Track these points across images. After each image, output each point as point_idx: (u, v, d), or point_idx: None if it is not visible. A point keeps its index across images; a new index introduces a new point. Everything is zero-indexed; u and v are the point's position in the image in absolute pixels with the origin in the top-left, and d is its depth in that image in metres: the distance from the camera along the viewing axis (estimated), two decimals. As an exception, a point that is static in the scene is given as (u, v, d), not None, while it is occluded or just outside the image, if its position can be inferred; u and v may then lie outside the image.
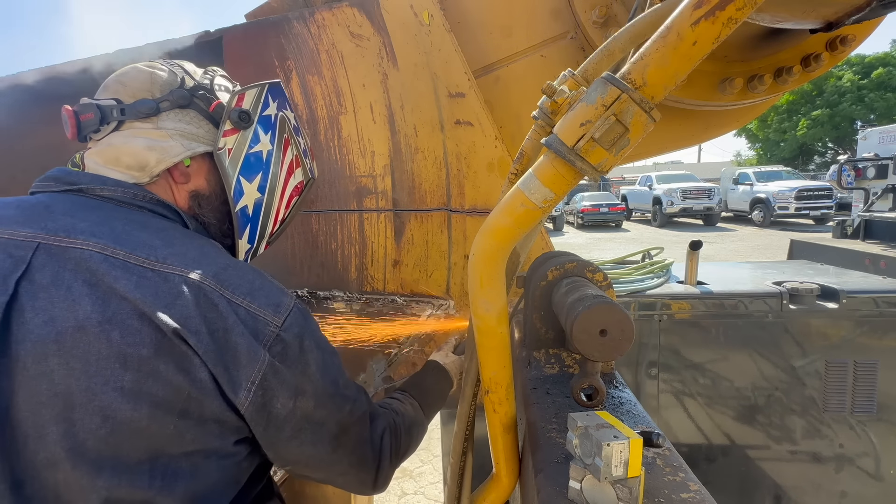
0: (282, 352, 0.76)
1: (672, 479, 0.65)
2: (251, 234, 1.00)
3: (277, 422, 0.76)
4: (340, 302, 1.62)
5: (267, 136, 1.00)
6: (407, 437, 1.02)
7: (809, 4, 0.87)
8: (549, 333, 1.03)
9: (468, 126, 1.45)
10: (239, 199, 0.96)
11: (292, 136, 1.06)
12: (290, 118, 1.06)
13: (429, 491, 3.51)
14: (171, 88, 0.91)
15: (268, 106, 1.01)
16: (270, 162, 1.01)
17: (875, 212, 3.99)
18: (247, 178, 0.97)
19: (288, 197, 1.06)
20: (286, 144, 1.04)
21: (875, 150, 8.96)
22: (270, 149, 1.01)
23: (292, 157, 1.06)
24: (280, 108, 1.04)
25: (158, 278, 0.71)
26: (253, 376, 0.72)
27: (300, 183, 1.10)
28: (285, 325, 0.77)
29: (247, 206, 0.98)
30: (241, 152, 0.96)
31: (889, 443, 1.87)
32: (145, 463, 0.68)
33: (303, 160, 1.10)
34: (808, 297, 1.88)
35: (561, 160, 0.66)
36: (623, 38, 0.89)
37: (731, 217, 20.63)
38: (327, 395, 0.82)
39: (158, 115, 0.89)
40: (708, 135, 1.60)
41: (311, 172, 1.13)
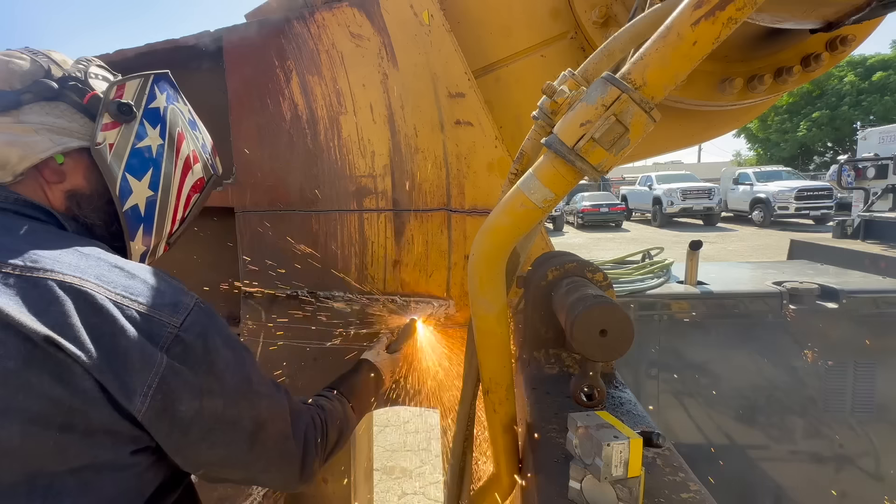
0: (182, 353, 0.72)
1: (672, 479, 0.65)
2: (146, 235, 0.94)
3: (182, 425, 0.72)
4: (340, 302, 1.62)
5: (156, 129, 0.93)
6: (334, 431, 1.01)
7: (809, 4, 0.87)
8: (549, 333, 1.03)
9: (468, 126, 1.45)
10: (126, 197, 0.89)
11: (187, 130, 1.01)
12: (183, 111, 1.01)
13: (429, 491, 3.50)
14: (35, 79, 0.82)
15: (154, 98, 0.94)
16: (162, 157, 0.94)
17: (875, 212, 3.99)
18: (135, 175, 0.90)
19: (186, 195, 1.00)
20: (180, 139, 0.98)
21: (875, 150, 8.95)
22: (161, 143, 0.94)
23: (189, 152, 1.00)
24: (171, 101, 0.98)
25: (25, 284, 0.65)
26: (149, 380, 0.68)
27: (199, 180, 1.04)
28: (185, 324, 0.74)
29: (137, 205, 0.91)
30: (126, 147, 0.88)
31: (889, 443, 1.87)
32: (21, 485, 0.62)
33: (202, 156, 1.04)
34: (808, 297, 1.88)
35: (561, 160, 0.66)
36: (623, 38, 0.89)
37: (731, 217, 20.63)
38: (238, 393, 0.79)
39: (20, 108, 0.81)
40: (708, 135, 1.60)
41: (214, 168, 1.08)
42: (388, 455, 3.98)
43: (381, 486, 3.56)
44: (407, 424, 4.47)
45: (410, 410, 4.58)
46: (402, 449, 4.09)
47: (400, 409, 4.57)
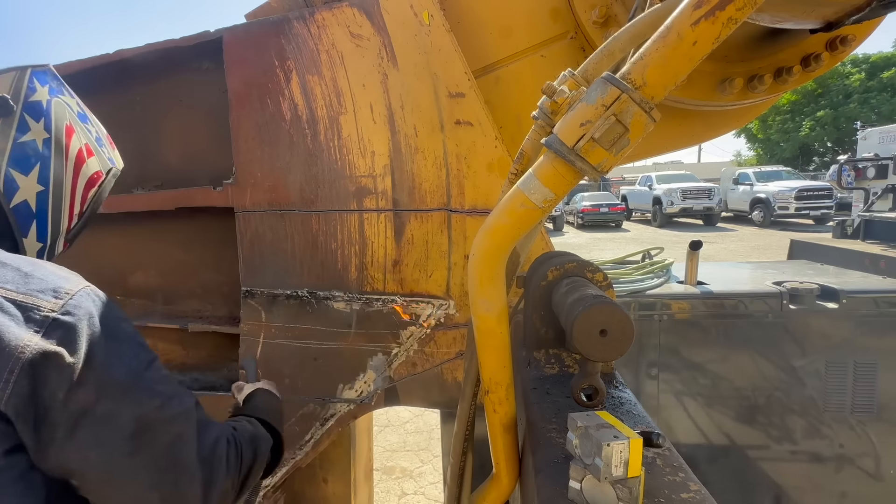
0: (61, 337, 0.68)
1: (672, 479, 0.65)
2: (40, 231, 0.92)
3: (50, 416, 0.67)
4: (340, 302, 1.62)
5: (39, 123, 0.91)
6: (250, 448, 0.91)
7: (809, 4, 0.87)
8: (549, 333, 1.03)
9: (468, 126, 1.45)
10: (13, 193, 0.87)
11: (76, 122, 0.98)
12: (69, 104, 0.98)
13: (429, 491, 3.51)
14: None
15: (34, 91, 0.92)
16: (50, 151, 0.91)
17: (875, 212, 3.99)
18: (20, 170, 0.88)
19: (82, 189, 0.97)
20: (69, 132, 0.95)
21: (875, 150, 8.94)
22: (47, 137, 0.91)
23: (80, 145, 0.97)
24: (54, 94, 0.95)
25: None
26: (11, 366, 0.64)
27: (95, 173, 1.00)
28: (65, 308, 0.70)
29: (26, 200, 0.89)
30: (7, 143, 0.87)
31: (889, 443, 1.87)
32: None
33: (96, 148, 1.01)
34: (808, 297, 1.88)
35: (561, 160, 0.66)
36: (623, 38, 0.89)
37: (731, 217, 20.63)
38: (119, 387, 0.72)
39: None
40: (708, 135, 1.60)
41: (112, 161, 1.05)
42: (388, 455, 3.98)
43: (381, 486, 3.56)
44: (407, 424, 4.47)
45: (410, 410, 4.58)
46: (402, 449, 4.09)
47: (400, 409, 4.57)
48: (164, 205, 1.75)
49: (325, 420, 1.64)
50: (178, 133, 1.84)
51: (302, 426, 1.65)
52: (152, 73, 1.75)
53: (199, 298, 1.93)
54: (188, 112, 1.82)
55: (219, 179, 1.69)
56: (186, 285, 1.94)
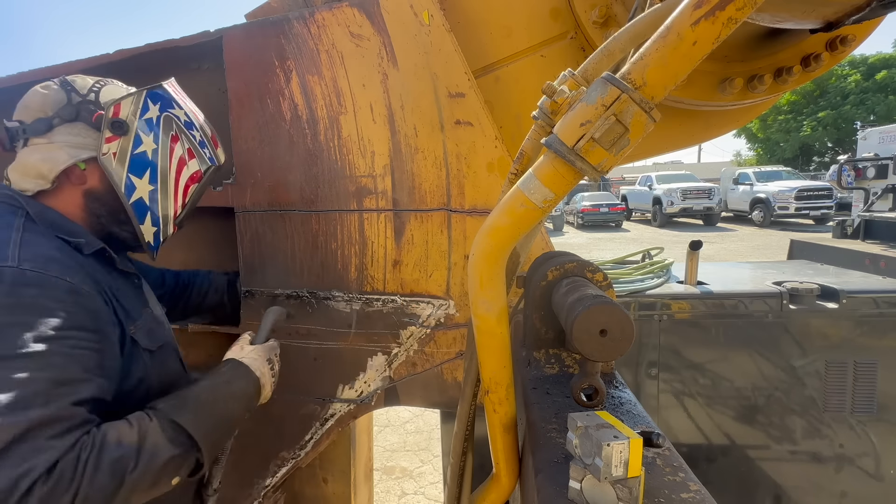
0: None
1: (672, 479, 0.65)
2: (153, 219, 1.16)
3: None
4: (340, 302, 1.62)
5: (150, 136, 1.13)
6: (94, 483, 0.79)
7: (809, 4, 0.87)
8: (549, 333, 1.03)
9: (468, 126, 1.45)
10: (131, 193, 1.11)
11: (182, 131, 1.19)
12: (177, 116, 1.18)
13: (429, 491, 3.51)
14: (60, 106, 1.06)
15: (147, 110, 1.13)
16: (157, 158, 1.15)
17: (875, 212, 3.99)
18: (136, 174, 1.12)
19: (184, 185, 1.21)
20: (173, 140, 1.18)
21: (875, 150, 8.95)
22: (155, 147, 1.14)
23: (183, 150, 1.19)
24: (164, 109, 1.16)
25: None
26: None
27: (196, 172, 1.24)
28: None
29: (142, 197, 1.13)
30: (126, 154, 1.10)
31: (889, 443, 1.86)
32: None
33: (198, 151, 1.23)
34: (808, 297, 1.88)
35: (561, 160, 0.66)
36: (623, 38, 0.89)
37: (731, 217, 20.64)
38: None
39: (52, 130, 1.05)
40: (708, 135, 1.60)
41: (212, 160, 1.27)
42: (388, 455, 3.98)
43: (381, 486, 3.56)
44: (407, 424, 4.47)
45: (410, 410, 4.58)
46: (402, 449, 4.09)
47: (400, 409, 4.57)
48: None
49: (325, 420, 1.64)
50: (178, 133, 1.84)
51: (302, 426, 1.65)
52: (152, 73, 1.75)
53: (199, 298, 1.93)
54: (188, 112, 1.82)
55: (219, 179, 1.69)
56: (186, 285, 1.93)
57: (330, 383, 1.63)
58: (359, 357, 1.61)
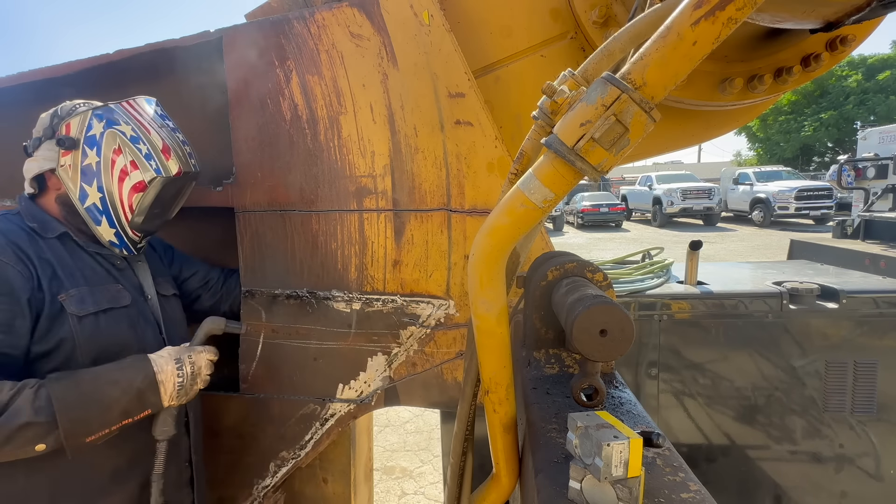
0: None
1: (672, 479, 0.65)
2: (109, 222, 1.32)
3: None
4: (340, 302, 1.62)
5: (93, 151, 1.29)
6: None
7: (809, 4, 0.87)
8: (549, 333, 1.03)
9: (468, 126, 1.45)
10: (85, 199, 1.29)
11: (126, 145, 1.30)
12: (122, 132, 1.30)
13: (429, 491, 3.51)
14: (45, 126, 1.30)
15: (91, 128, 1.28)
16: (100, 170, 1.29)
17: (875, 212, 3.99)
18: (87, 183, 1.29)
19: (128, 194, 1.32)
20: (116, 153, 1.30)
21: (875, 150, 8.95)
22: (98, 160, 1.29)
23: (125, 162, 1.30)
24: (108, 126, 1.29)
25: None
26: None
27: (139, 182, 1.32)
28: None
29: (95, 203, 1.30)
30: (77, 166, 1.28)
31: (889, 443, 1.86)
32: None
33: (142, 163, 1.32)
34: (808, 297, 1.88)
35: (561, 160, 0.66)
36: (623, 38, 0.89)
37: (731, 217, 20.64)
38: None
39: (39, 146, 1.30)
40: (708, 135, 1.60)
41: (158, 171, 1.34)
42: (388, 455, 3.98)
43: (381, 486, 3.56)
44: (407, 424, 4.47)
45: (410, 410, 4.58)
46: (402, 449, 4.09)
47: (400, 409, 4.57)
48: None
49: (325, 420, 1.64)
50: (178, 133, 1.84)
51: (302, 426, 1.65)
52: (152, 73, 1.75)
53: (199, 298, 1.93)
54: (188, 112, 1.82)
55: (219, 179, 1.69)
56: (186, 285, 1.93)
57: (330, 383, 1.63)
58: (359, 357, 1.61)
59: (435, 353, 1.56)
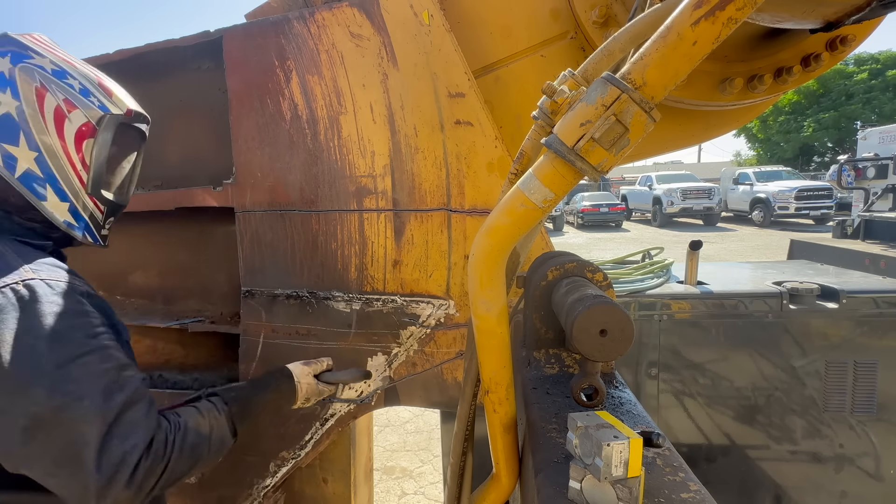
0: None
1: (672, 479, 0.65)
2: (58, 192, 0.97)
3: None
4: (340, 302, 1.62)
5: (6, 94, 0.94)
6: (179, 460, 0.91)
7: (809, 4, 0.87)
8: (549, 333, 1.03)
9: (468, 126, 1.45)
10: (13, 165, 0.92)
11: (49, 81, 0.98)
12: (42, 65, 0.98)
13: (429, 491, 3.51)
14: None
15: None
16: (25, 118, 0.94)
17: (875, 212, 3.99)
18: (9, 142, 0.93)
19: (73, 143, 0.99)
20: (40, 94, 0.96)
21: (875, 150, 8.95)
22: (18, 104, 0.94)
23: (57, 102, 0.97)
24: (18, 61, 0.96)
25: None
26: None
27: (84, 125, 1.00)
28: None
29: (29, 168, 0.94)
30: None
31: (889, 443, 1.86)
32: None
33: (80, 100, 1.00)
34: (808, 297, 1.88)
35: (561, 160, 0.66)
36: (623, 38, 0.89)
37: (731, 217, 20.63)
38: (15, 383, 0.78)
39: None
40: (708, 135, 1.60)
41: (103, 108, 1.03)
42: (388, 455, 3.98)
43: (381, 486, 3.56)
44: (407, 424, 4.47)
45: (410, 410, 4.58)
46: (402, 449, 4.09)
47: (400, 409, 4.57)
48: (164, 205, 1.75)
49: (325, 420, 1.64)
50: (178, 133, 1.84)
51: (302, 426, 1.65)
52: (152, 73, 1.75)
53: (199, 298, 1.93)
54: (188, 112, 1.82)
55: (219, 179, 1.69)
56: (186, 285, 1.94)
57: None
58: (359, 357, 1.61)
59: (435, 353, 1.56)
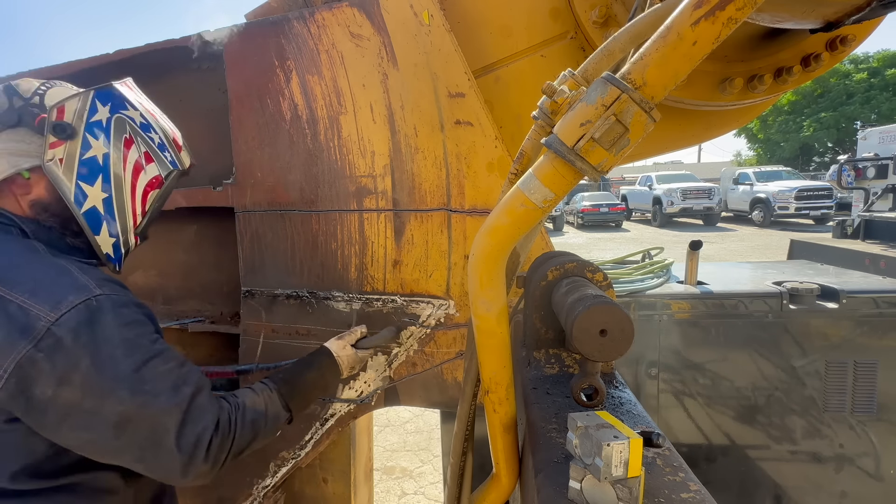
0: (53, 345, 0.85)
1: (672, 479, 0.65)
2: (111, 230, 1.09)
3: (39, 407, 0.86)
4: (340, 302, 1.62)
5: (99, 140, 1.05)
6: (245, 434, 1.05)
7: (809, 4, 0.87)
8: (549, 333, 1.03)
9: (468, 126, 1.45)
10: (83, 202, 1.04)
11: (137, 134, 1.10)
12: (131, 118, 1.10)
13: (429, 491, 3.51)
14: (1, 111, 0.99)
15: (95, 112, 1.05)
16: (109, 163, 1.06)
17: (875, 212, 3.99)
18: (87, 182, 1.04)
19: (142, 192, 1.12)
20: (127, 144, 1.09)
21: (875, 150, 8.95)
22: (106, 151, 1.06)
23: (139, 154, 1.11)
24: (115, 111, 1.08)
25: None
26: (6, 366, 0.83)
27: (155, 177, 1.14)
28: (60, 320, 0.86)
29: (95, 206, 1.05)
30: (74, 160, 1.02)
31: (889, 443, 1.86)
32: None
33: (157, 154, 1.14)
34: (808, 297, 1.88)
35: (561, 160, 0.66)
36: (623, 38, 0.89)
37: (731, 217, 20.64)
38: (104, 389, 0.88)
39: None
40: (708, 135, 1.60)
41: (174, 164, 1.18)
42: (388, 455, 3.98)
43: (381, 486, 3.56)
44: (407, 424, 4.47)
45: (411, 410, 4.58)
46: (402, 449, 4.09)
47: (400, 409, 4.57)
48: (164, 205, 1.75)
49: (325, 420, 1.64)
50: (178, 133, 1.84)
51: (302, 426, 1.65)
52: (152, 73, 1.75)
53: (199, 298, 1.93)
54: (188, 112, 1.82)
55: (219, 179, 1.69)
56: (186, 285, 1.94)
57: (331, 383, 1.63)
58: (359, 357, 1.61)
59: (435, 353, 1.56)
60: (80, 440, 0.91)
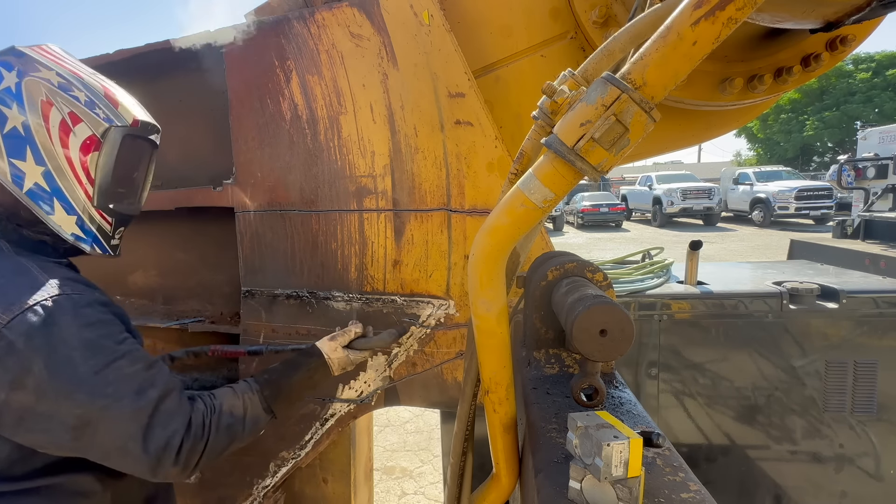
0: (4, 348, 0.83)
1: (672, 479, 0.65)
2: (65, 206, 0.99)
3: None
4: (340, 302, 1.62)
5: (13, 108, 0.94)
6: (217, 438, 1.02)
7: (809, 4, 0.87)
8: (549, 333, 1.03)
9: (468, 126, 1.45)
10: (22, 181, 0.95)
11: (56, 94, 0.98)
12: (46, 79, 0.98)
13: (429, 491, 3.51)
14: None
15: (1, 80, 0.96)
16: (31, 132, 0.95)
17: (875, 212, 3.99)
18: (17, 157, 0.94)
19: (79, 158, 1.00)
20: (45, 107, 0.97)
21: (875, 150, 8.95)
22: (24, 119, 0.95)
23: (62, 115, 0.98)
24: (23, 75, 0.97)
25: None
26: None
27: (89, 138, 1.00)
28: (12, 323, 0.84)
29: (36, 182, 0.96)
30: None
31: (889, 443, 1.86)
32: None
33: (85, 113, 1.00)
34: (808, 297, 1.88)
35: (561, 160, 0.66)
36: (623, 38, 0.89)
37: (731, 217, 20.64)
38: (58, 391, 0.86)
39: None
40: (708, 135, 1.60)
41: (109, 121, 1.03)
42: (388, 455, 3.98)
43: (381, 486, 3.56)
44: (407, 424, 4.47)
45: (410, 410, 4.58)
46: (402, 449, 4.09)
47: (400, 409, 4.57)
48: (164, 205, 1.75)
49: (325, 420, 1.64)
50: (178, 133, 1.84)
51: (302, 426, 1.65)
52: (152, 73, 1.75)
53: (199, 298, 1.93)
54: (188, 112, 1.82)
55: (219, 179, 1.69)
56: (186, 285, 1.94)
57: (330, 383, 1.63)
58: (359, 357, 1.61)
59: (435, 353, 1.56)
60: (38, 441, 0.90)
